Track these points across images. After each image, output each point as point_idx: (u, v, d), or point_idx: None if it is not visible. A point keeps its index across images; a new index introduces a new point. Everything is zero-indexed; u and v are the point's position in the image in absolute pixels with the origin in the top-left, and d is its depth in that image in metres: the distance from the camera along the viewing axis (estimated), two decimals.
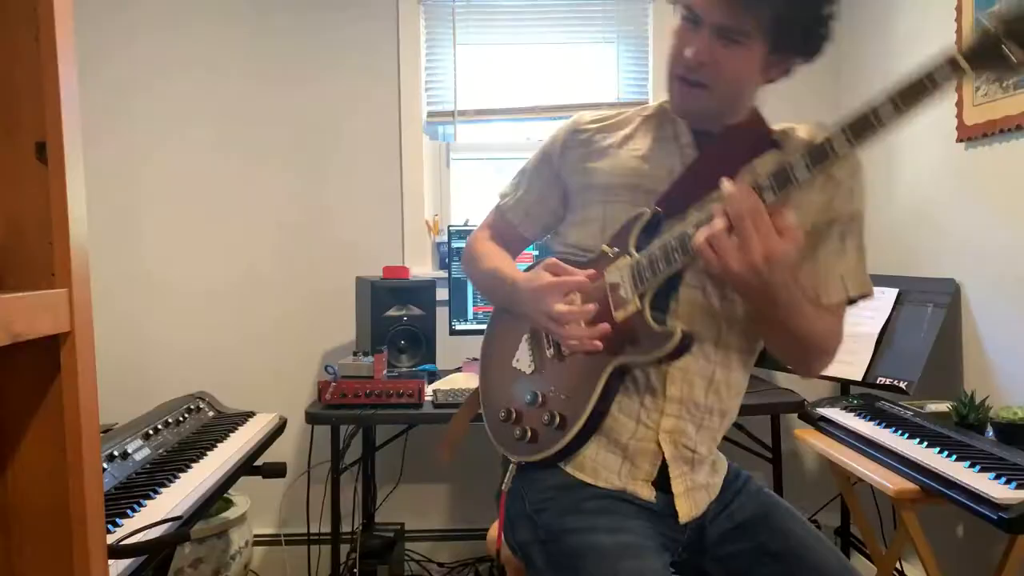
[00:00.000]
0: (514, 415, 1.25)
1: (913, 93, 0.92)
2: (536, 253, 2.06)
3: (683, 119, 1.22)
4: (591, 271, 1.18)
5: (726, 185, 1.01)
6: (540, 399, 1.22)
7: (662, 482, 1.20)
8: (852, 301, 1.20)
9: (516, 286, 1.24)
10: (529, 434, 1.21)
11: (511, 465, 1.25)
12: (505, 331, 1.33)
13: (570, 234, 1.29)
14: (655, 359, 1.12)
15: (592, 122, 1.29)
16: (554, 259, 1.20)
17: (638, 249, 1.14)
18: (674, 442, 1.19)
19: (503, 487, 1.24)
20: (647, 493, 1.20)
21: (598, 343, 1.12)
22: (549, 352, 1.23)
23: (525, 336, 1.28)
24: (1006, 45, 0.88)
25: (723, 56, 1.11)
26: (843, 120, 0.97)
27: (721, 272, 1.00)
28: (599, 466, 1.20)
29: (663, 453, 1.19)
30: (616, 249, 1.17)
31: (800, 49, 1.17)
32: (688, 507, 1.20)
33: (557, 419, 1.18)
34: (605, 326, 1.12)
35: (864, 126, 0.95)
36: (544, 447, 1.20)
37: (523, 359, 1.27)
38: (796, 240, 0.99)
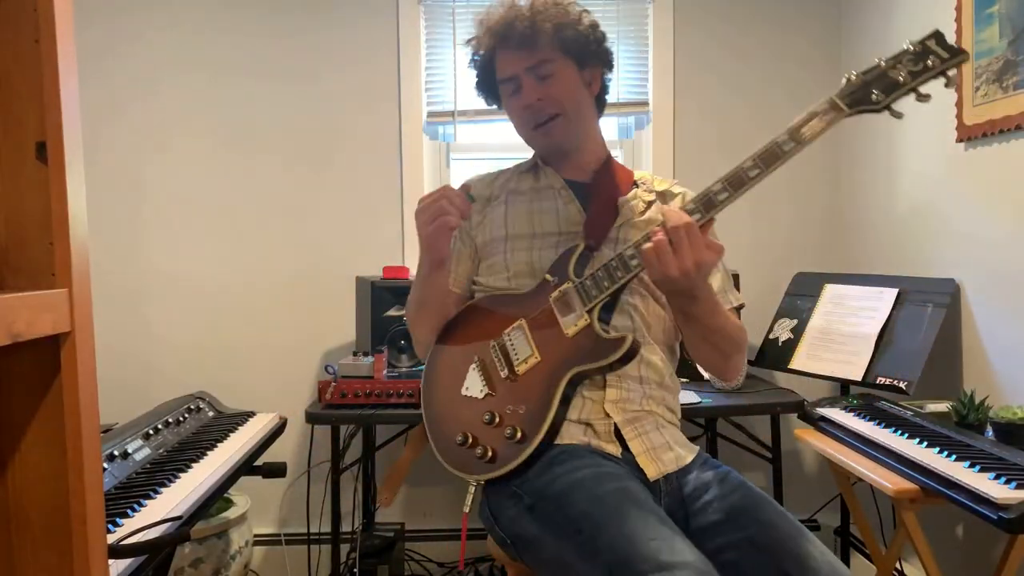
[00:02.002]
0: (470, 438, 1.30)
1: (802, 126, 1.21)
2: None
3: (554, 157, 1.50)
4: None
5: (664, 208, 1.23)
6: (498, 418, 1.29)
7: (623, 445, 1.30)
8: (736, 311, 1.45)
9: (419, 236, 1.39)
10: (490, 452, 1.27)
11: (471, 487, 1.29)
12: (447, 368, 1.42)
13: (484, 278, 1.48)
14: (608, 364, 1.26)
15: (479, 187, 1.53)
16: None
17: (577, 275, 1.33)
18: (621, 409, 1.32)
19: (464, 509, 1.28)
20: (613, 448, 1.29)
21: (455, 210, 1.32)
22: (503, 373, 1.33)
23: (472, 366, 1.37)
24: (874, 91, 1.20)
25: (550, 86, 1.41)
26: (757, 151, 1.21)
27: (661, 275, 1.19)
28: (563, 433, 1.29)
29: (613, 420, 1.31)
30: (555, 277, 1.36)
31: (595, 58, 1.46)
32: (654, 466, 1.29)
33: (518, 433, 1.26)
34: (461, 196, 1.34)
35: (771, 154, 1.21)
36: (507, 461, 1.26)
37: (473, 386, 1.35)
38: (720, 251, 1.21)
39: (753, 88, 2.69)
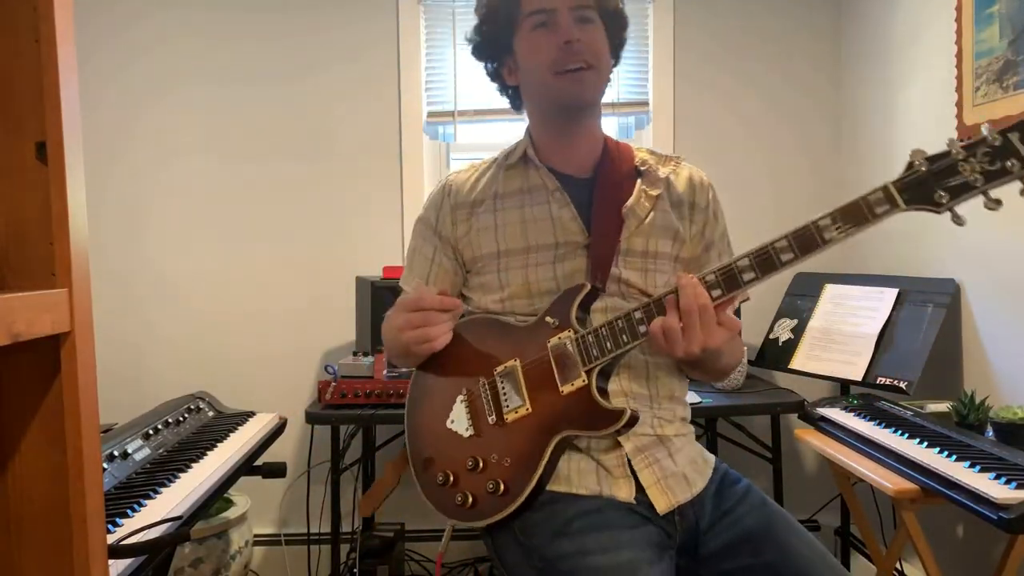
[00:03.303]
0: (452, 479, 1.22)
1: (851, 214, 1.06)
2: None
3: (563, 118, 1.32)
4: (431, 289, 1.29)
5: (681, 278, 1.11)
6: (481, 464, 1.21)
7: (637, 484, 1.21)
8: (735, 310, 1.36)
9: (389, 324, 1.29)
10: (470, 500, 1.20)
11: (449, 526, 1.23)
12: (434, 388, 1.31)
13: (475, 297, 1.35)
14: (600, 435, 1.18)
15: (461, 190, 1.36)
16: (408, 296, 1.27)
17: (578, 321, 1.21)
18: (632, 434, 1.22)
19: (440, 549, 1.24)
20: (625, 492, 1.20)
21: (442, 335, 1.23)
22: (491, 418, 1.23)
23: (459, 397, 1.27)
24: (939, 191, 1.00)
25: (588, 33, 1.25)
26: (790, 231, 1.09)
27: (664, 353, 1.13)
28: (573, 473, 1.21)
29: (624, 450, 1.22)
30: (556, 321, 1.22)
31: (618, 38, 1.34)
32: (664, 498, 1.21)
33: (501, 487, 1.18)
34: (456, 302, 1.24)
35: (808, 238, 1.08)
36: (487, 514, 1.19)
37: (459, 421, 1.26)
38: (734, 328, 1.12)
39: (753, 88, 2.69)
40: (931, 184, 1.01)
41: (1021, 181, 0.97)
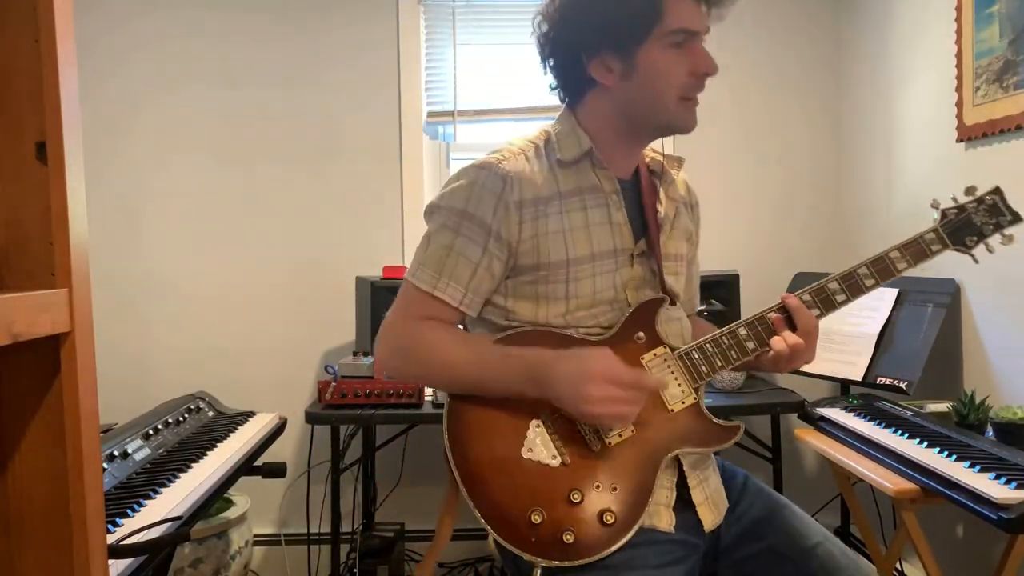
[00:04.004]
0: (546, 517, 1.08)
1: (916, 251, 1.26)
2: None
3: (637, 141, 1.25)
4: (641, 371, 1.15)
5: (789, 300, 1.20)
6: (582, 497, 1.09)
7: (679, 503, 1.17)
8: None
9: (550, 366, 1.09)
10: (572, 538, 1.07)
11: (536, 571, 1.09)
12: (495, 419, 1.15)
13: (520, 308, 1.19)
14: (711, 451, 1.19)
15: (525, 183, 1.17)
16: (606, 348, 1.12)
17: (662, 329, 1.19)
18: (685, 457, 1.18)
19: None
20: (666, 522, 1.14)
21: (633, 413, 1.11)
22: (593, 445, 1.12)
23: (534, 423, 1.13)
24: (967, 237, 1.27)
25: None
26: (868, 259, 1.24)
27: (775, 370, 1.21)
28: None
29: (680, 464, 1.18)
30: (642, 336, 1.17)
31: None
32: (711, 515, 1.20)
33: (612, 518, 1.08)
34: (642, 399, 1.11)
35: (884, 267, 1.24)
36: (593, 550, 1.08)
37: (541, 450, 1.12)
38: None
39: (752, 88, 2.69)
40: (962, 232, 1.28)
41: (1000, 233, 1.27)
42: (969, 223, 1.27)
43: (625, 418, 1.10)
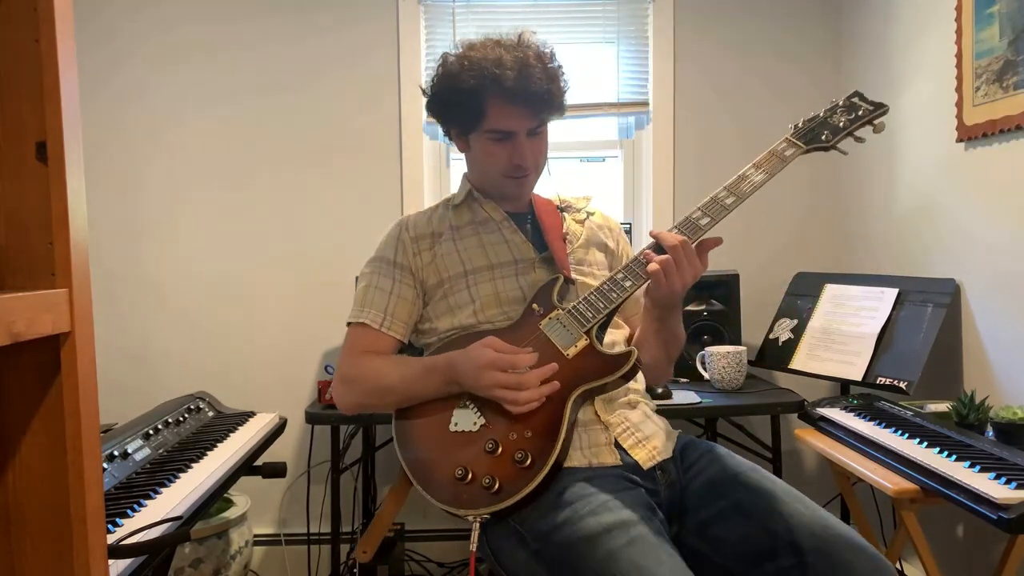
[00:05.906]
0: (470, 472, 1.24)
1: (769, 161, 1.43)
2: None
3: (499, 196, 1.53)
4: (528, 351, 1.30)
5: (652, 231, 1.34)
6: (501, 446, 1.25)
7: (618, 449, 1.32)
8: None
9: (455, 366, 1.31)
10: (497, 484, 1.21)
11: (475, 524, 1.22)
12: (425, 410, 1.36)
13: (441, 322, 1.46)
14: (614, 380, 1.29)
15: (418, 224, 1.54)
16: (491, 337, 1.33)
17: (561, 304, 1.38)
18: (606, 406, 1.36)
19: (471, 547, 1.23)
20: (612, 458, 1.31)
21: (551, 388, 1.27)
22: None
23: (457, 404, 1.32)
24: (824, 132, 1.43)
25: (538, 144, 1.47)
26: (727, 183, 1.39)
27: (666, 290, 1.29)
28: None
29: (601, 420, 1.34)
30: (541, 308, 1.38)
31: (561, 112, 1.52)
32: (645, 452, 1.33)
33: (528, 458, 1.22)
34: (555, 384, 1.27)
35: (739, 183, 1.42)
36: (514, 491, 1.20)
37: (464, 422, 1.30)
38: (706, 263, 1.33)
39: (753, 88, 2.69)
40: (817, 132, 1.43)
41: (871, 124, 1.42)
42: (824, 124, 1.42)
43: (517, 401, 1.24)
